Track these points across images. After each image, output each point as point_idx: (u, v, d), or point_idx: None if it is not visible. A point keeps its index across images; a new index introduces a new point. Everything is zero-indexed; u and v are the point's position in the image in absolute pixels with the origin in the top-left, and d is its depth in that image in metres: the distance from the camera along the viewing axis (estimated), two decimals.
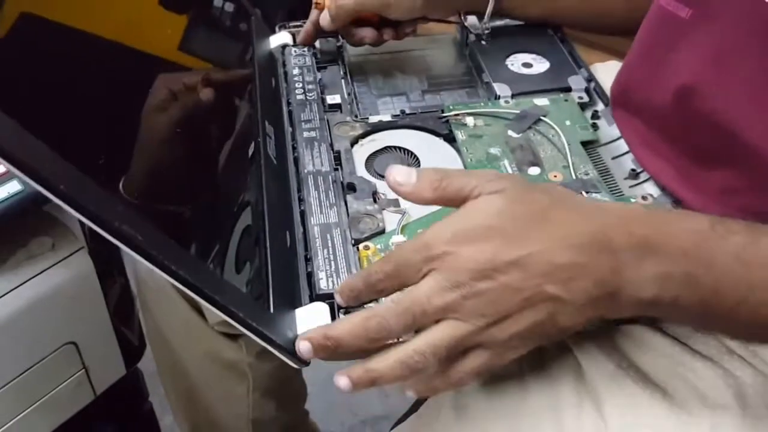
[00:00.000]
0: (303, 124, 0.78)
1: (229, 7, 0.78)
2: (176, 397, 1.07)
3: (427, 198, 0.54)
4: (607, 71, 0.85)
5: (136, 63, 0.65)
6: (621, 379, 0.60)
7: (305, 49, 0.90)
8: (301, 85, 0.84)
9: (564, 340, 0.63)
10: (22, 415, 0.76)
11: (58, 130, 0.49)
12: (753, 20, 0.55)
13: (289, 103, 0.81)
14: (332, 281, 0.60)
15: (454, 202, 0.53)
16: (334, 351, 0.53)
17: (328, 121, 0.78)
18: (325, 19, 0.85)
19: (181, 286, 0.48)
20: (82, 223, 0.75)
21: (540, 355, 0.63)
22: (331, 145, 0.75)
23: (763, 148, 0.57)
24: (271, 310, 0.56)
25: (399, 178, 0.54)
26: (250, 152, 0.68)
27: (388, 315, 0.51)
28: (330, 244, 0.63)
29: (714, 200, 0.63)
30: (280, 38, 0.90)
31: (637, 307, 0.53)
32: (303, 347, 0.53)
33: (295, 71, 0.87)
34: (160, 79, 0.65)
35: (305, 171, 0.71)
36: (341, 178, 0.71)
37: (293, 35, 0.91)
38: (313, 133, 0.76)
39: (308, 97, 0.82)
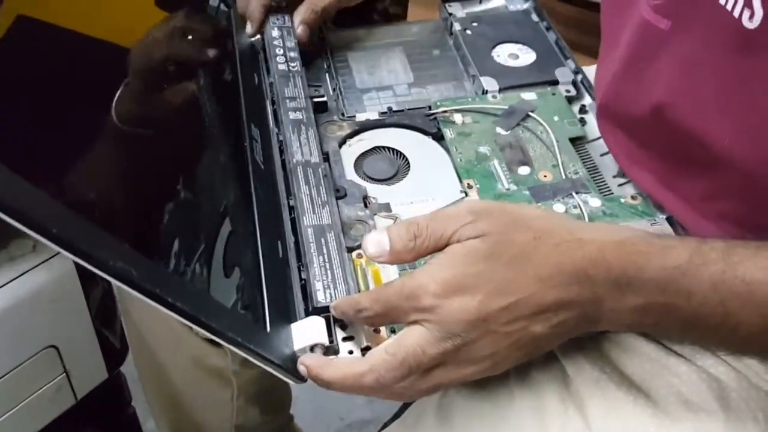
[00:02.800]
0: (288, 102, 0.75)
1: (225, 6, 0.76)
2: (159, 403, 1.06)
3: (408, 260, 0.55)
4: (592, 74, 0.84)
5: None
6: (605, 384, 0.60)
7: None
8: (282, 51, 0.81)
9: None
10: (0, 419, 0.75)
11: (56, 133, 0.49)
12: (721, 32, 0.55)
13: (271, 84, 0.78)
14: (329, 293, 0.59)
15: (435, 251, 0.53)
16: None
17: (315, 120, 0.76)
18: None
19: (179, 318, 0.47)
20: None
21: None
22: (320, 145, 0.73)
23: (733, 158, 0.57)
24: (268, 329, 0.55)
25: (373, 251, 0.54)
26: (238, 160, 0.67)
27: (384, 370, 0.51)
28: (325, 251, 0.61)
29: (695, 207, 0.64)
30: None
31: (617, 330, 0.57)
32: (301, 370, 0.55)
33: (275, 33, 0.84)
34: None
35: (293, 161, 0.69)
36: (331, 181, 0.70)
37: None
38: (299, 114, 0.74)
39: (291, 68, 0.80)
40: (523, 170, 0.72)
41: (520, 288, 0.51)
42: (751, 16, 0.52)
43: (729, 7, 0.53)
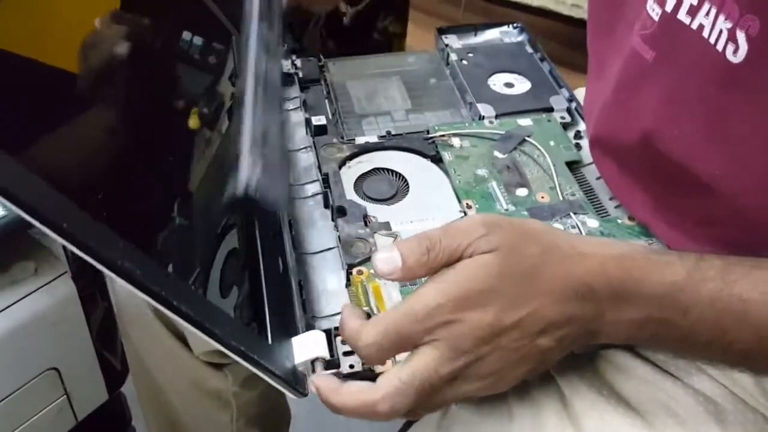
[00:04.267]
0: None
1: (198, 40, 0.77)
2: (158, 426, 1.04)
3: (421, 275, 0.53)
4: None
5: None
6: (602, 406, 0.60)
7: (289, 67, 0.90)
8: None
9: None
10: None
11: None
12: (705, 66, 0.55)
13: None
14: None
15: (448, 265, 0.52)
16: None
17: (314, 143, 0.78)
18: None
19: (183, 322, 0.47)
20: (65, 247, 0.74)
21: (524, 382, 0.64)
22: (319, 167, 0.75)
23: (721, 187, 0.58)
24: (270, 341, 0.55)
25: (384, 268, 0.52)
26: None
27: (398, 397, 0.50)
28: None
29: (686, 233, 0.64)
30: None
31: (616, 342, 0.56)
32: (311, 389, 0.55)
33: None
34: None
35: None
36: (331, 201, 0.70)
37: None
38: None
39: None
40: (521, 192, 0.73)
41: (530, 302, 0.51)
42: (735, 51, 0.52)
43: (713, 40, 0.54)
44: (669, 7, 0.58)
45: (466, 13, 2.02)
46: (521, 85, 0.87)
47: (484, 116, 0.82)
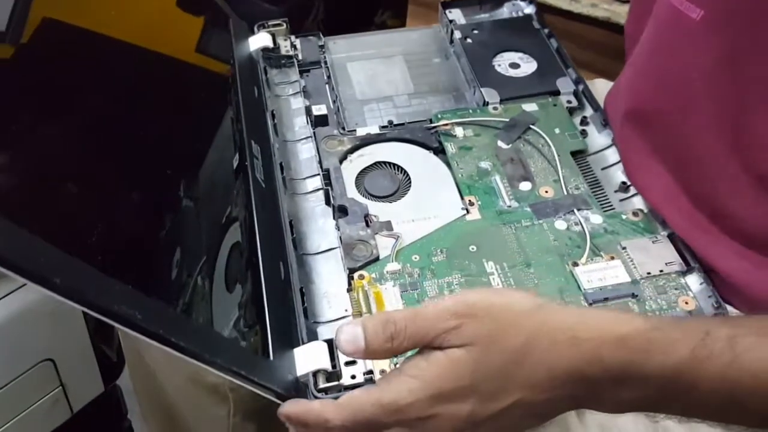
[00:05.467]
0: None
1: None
2: (154, 418, 1.04)
3: (383, 358, 0.52)
4: (593, 88, 0.83)
5: (154, 65, 0.64)
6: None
7: (289, 48, 0.87)
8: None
9: None
10: None
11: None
12: None
13: (273, 115, 0.78)
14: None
15: (414, 349, 0.50)
16: None
17: (315, 134, 0.76)
18: None
19: (183, 356, 0.46)
20: None
21: None
22: (320, 162, 0.73)
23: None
24: (271, 356, 0.54)
25: (347, 347, 0.49)
26: (239, 179, 0.66)
27: None
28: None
29: (700, 226, 0.62)
30: (259, 40, 0.86)
31: (614, 413, 0.53)
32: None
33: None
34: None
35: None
36: (332, 200, 0.69)
37: (273, 35, 0.87)
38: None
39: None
40: (525, 186, 0.71)
41: (511, 395, 0.48)
42: None
43: None
44: None
45: None
46: (527, 65, 0.85)
47: (488, 102, 0.80)
